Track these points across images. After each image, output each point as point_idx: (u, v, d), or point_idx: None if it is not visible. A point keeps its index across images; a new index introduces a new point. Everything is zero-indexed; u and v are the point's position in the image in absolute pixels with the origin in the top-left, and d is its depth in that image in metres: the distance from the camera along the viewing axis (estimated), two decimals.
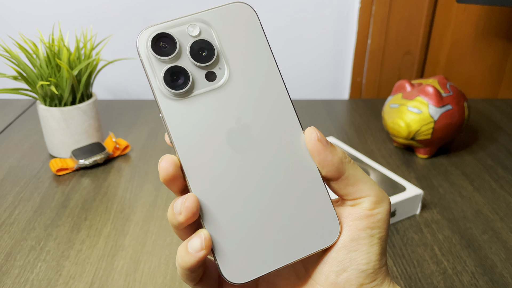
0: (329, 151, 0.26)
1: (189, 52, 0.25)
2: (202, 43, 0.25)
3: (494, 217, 0.53)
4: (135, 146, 0.70)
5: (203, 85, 0.25)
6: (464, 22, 0.86)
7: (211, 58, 0.25)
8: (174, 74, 0.25)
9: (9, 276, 0.44)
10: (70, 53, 0.62)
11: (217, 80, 0.25)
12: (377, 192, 0.27)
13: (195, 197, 0.24)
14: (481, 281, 0.43)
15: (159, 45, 0.25)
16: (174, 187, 0.26)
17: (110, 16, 0.86)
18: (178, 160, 0.25)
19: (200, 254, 0.24)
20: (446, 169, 0.63)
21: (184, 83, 0.25)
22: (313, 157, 0.26)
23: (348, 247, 0.26)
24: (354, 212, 0.27)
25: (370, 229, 0.26)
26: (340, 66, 0.92)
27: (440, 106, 0.61)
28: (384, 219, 0.27)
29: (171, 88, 0.24)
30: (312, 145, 0.26)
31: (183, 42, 0.25)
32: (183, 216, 0.24)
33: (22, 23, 0.86)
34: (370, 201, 0.26)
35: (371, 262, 0.26)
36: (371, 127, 0.77)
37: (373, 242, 0.26)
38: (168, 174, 0.25)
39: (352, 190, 0.27)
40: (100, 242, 0.48)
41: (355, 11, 0.86)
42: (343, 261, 0.26)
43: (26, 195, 0.57)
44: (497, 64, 0.91)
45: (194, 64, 0.25)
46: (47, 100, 0.63)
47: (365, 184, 0.27)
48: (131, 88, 0.93)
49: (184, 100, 0.25)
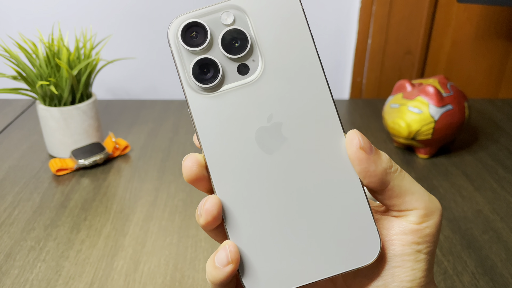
0: (373, 161, 0.23)
1: (221, 43, 0.23)
2: (235, 32, 0.23)
3: (494, 217, 0.53)
4: (134, 146, 0.70)
5: (234, 78, 0.23)
6: (465, 22, 0.86)
7: (244, 49, 0.23)
8: (204, 67, 0.23)
9: (8, 276, 0.44)
10: (70, 53, 0.62)
11: (250, 73, 0.23)
12: (426, 203, 0.24)
13: (216, 199, 0.23)
14: (482, 281, 0.43)
15: (189, 35, 0.23)
16: (200, 187, 0.24)
17: (110, 16, 0.85)
18: (204, 160, 0.23)
19: (228, 269, 0.22)
20: (447, 169, 0.63)
21: (213, 77, 0.23)
22: (353, 165, 0.23)
23: (391, 262, 0.24)
24: (399, 225, 0.24)
25: (417, 244, 0.24)
26: (340, 66, 0.92)
27: (440, 106, 0.60)
28: (433, 233, 0.24)
29: (200, 82, 0.23)
30: (353, 152, 0.23)
31: (215, 32, 0.23)
32: (203, 219, 0.23)
33: (22, 22, 0.86)
34: (418, 214, 0.24)
35: (416, 280, 0.24)
36: (371, 127, 0.77)
37: (419, 258, 0.24)
38: (192, 174, 0.23)
39: (397, 202, 0.24)
40: (100, 242, 0.48)
41: (356, 10, 0.86)
42: (384, 277, 0.24)
43: (25, 195, 0.57)
44: (497, 64, 0.91)
45: (226, 56, 0.23)
46: (47, 100, 0.63)
47: (412, 195, 0.24)
48: (130, 88, 0.93)
49: (213, 95, 0.23)
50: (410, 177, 0.24)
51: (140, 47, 0.88)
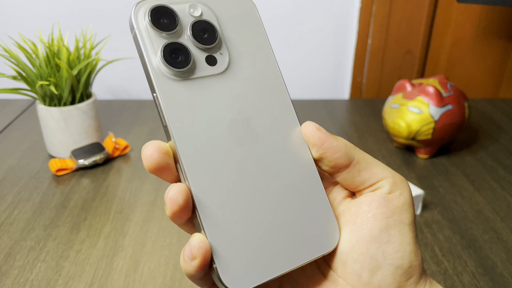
0: (333, 137, 0.24)
1: (191, 31, 0.23)
2: (204, 23, 0.23)
3: (494, 217, 0.53)
4: (134, 146, 0.70)
5: (204, 68, 0.23)
6: (465, 22, 0.86)
7: (213, 40, 0.23)
8: (174, 52, 0.22)
9: (8, 276, 0.44)
10: (70, 53, 0.62)
11: (218, 65, 0.23)
12: (392, 173, 0.25)
13: (183, 187, 0.21)
14: (482, 281, 0.43)
15: (159, 19, 0.22)
16: (165, 177, 0.23)
17: (110, 16, 0.85)
18: (172, 147, 0.22)
19: (195, 263, 0.21)
20: (447, 169, 0.63)
21: (184, 61, 0.22)
22: (317, 147, 0.24)
23: (379, 240, 0.24)
24: (377, 197, 0.24)
25: (398, 214, 0.24)
26: (340, 66, 0.92)
27: (440, 106, 0.60)
28: (409, 202, 0.24)
29: (171, 65, 0.22)
30: (312, 134, 0.24)
31: (184, 20, 0.23)
32: (169, 209, 0.21)
33: (22, 22, 0.86)
34: (389, 182, 0.24)
35: (406, 255, 0.24)
36: (371, 127, 0.76)
37: (404, 230, 0.24)
38: (152, 162, 0.22)
39: (367, 175, 0.24)
40: (100, 243, 0.48)
41: (355, 10, 0.86)
42: (375, 257, 0.23)
43: (25, 195, 0.57)
44: (497, 64, 0.91)
45: (195, 44, 0.23)
46: (47, 100, 0.63)
47: (378, 166, 0.25)
48: (130, 88, 0.93)
49: (184, 81, 0.23)
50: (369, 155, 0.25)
51: None
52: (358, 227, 0.24)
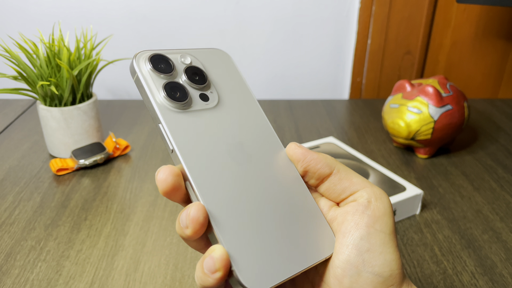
0: (313, 152, 0.27)
1: (185, 74, 0.28)
2: (195, 69, 0.28)
3: (494, 217, 0.53)
4: (135, 146, 0.70)
5: (199, 103, 0.27)
6: (464, 22, 0.86)
7: (204, 81, 0.28)
8: (173, 89, 0.27)
9: (9, 276, 0.44)
10: (70, 53, 0.62)
11: (210, 101, 0.28)
12: (371, 184, 0.27)
13: (201, 205, 0.23)
14: (481, 281, 0.43)
15: (157, 64, 0.27)
16: (176, 198, 0.25)
17: (110, 16, 0.86)
18: (181, 169, 0.24)
19: (217, 276, 0.22)
20: (446, 169, 0.63)
21: (183, 96, 0.27)
22: (301, 162, 0.27)
23: (360, 247, 0.25)
24: (360, 207, 0.26)
25: (379, 224, 0.25)
26: (340, 66, 0.92)
27: (440, 106, 0.61)
28: (389, 212, 0.26)
29: (173, 99, 0.26)
30: (294, 152, 0.27)
31: (178, 66, 0.28)
32: (191, 229, 0.23)
33: (22, 23, 0.86)
34: (368, 192, 0.26)
35: (386, 263, 0.24)
36: (371, 127, 0.77)
37: (385, 238, 0.25)
38: (167, 186, 0.24)
39: (347, 184, 0.27)
40: (100, 242, 0.48)
41: (355, 11, 0.86)
42: (356, 264, 0.24)
43: (26, 195, 0.57)
44: (497, 64, 0.91)
45: (189, 85, 0.28)
46: (47, 100, 0.63)
47: (357, 177, 0.27)
48: (131, 88, 0.93)
49: (185, 113, 0.26)
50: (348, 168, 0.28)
51: (140, 47, 0.88)
52: (342, 234, 0.26)
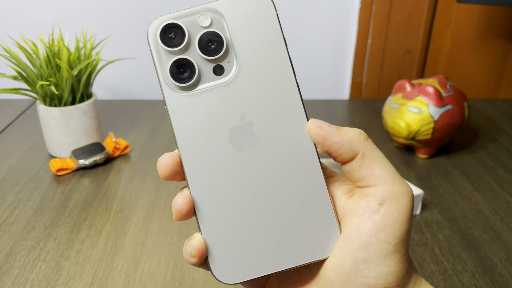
0: (336, 133, 0.23)
1: (198, 44, 0.24)
2: (211, 34, 0.24)
3: (494, 217, 0.53)
4: (135, 146, 0.70)
5: (210, 79, 0.24)
6: (464, 22, 0.86)
7: (219, 51, 0.24)
8: (181, 67, 0.24)
9: (9, 276, 0.44)
10: (70, 53, 0.62)
11: (224, 74, 0.24)
12: (394, 182, 0.22)
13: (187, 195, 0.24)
14: (481, 281, 0.43)
15: (168, 36, 0.24)
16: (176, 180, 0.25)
17: (110, 16, 0.86)
18: (179, 156, 0.25)
19: (193, 261, 0.24)
20: (446, 169, 0.63)
21: (189, 76, 0.24)
22: (321, 145, 0.24)
23: (356, 256, 0.22)
24: (368, 211, 0.22)
25: (385, 233, 0.22)
26: (340, 66, 0.92)
27: (440, 106, 0.61)
28: (402, 219, 0.22)
29: (177, 81, 0.24)
30: (314, 133, 0.24)
31: (193, 33, 0.24)
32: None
33: (22, 23, 0.86)
34: (384, 191, 0.22)
35: (381, 276, 0.22)
36: (371, 127, 0.77)
37: (386, 250, 0.22)
38: (166, 172, 0.24)
39: (367, 173, 0.23)
40: (100, 242, 0.48)
41: (355, 11, 0.86)
42: (348, 272, 0.23)
43: (26, 195, 0.57)
44: (497, 64, 0.91)
45: (202, 56, 0.24)
46: (47, 100, 0.63)
47: (382, 170, 0.23)
48: (131, 88, 0.93)
49: (189, 94, 0.24)
50: (381, 153, 0.24)
51: (140, 47, 0.88)
52: (343, 237, 0.24)
